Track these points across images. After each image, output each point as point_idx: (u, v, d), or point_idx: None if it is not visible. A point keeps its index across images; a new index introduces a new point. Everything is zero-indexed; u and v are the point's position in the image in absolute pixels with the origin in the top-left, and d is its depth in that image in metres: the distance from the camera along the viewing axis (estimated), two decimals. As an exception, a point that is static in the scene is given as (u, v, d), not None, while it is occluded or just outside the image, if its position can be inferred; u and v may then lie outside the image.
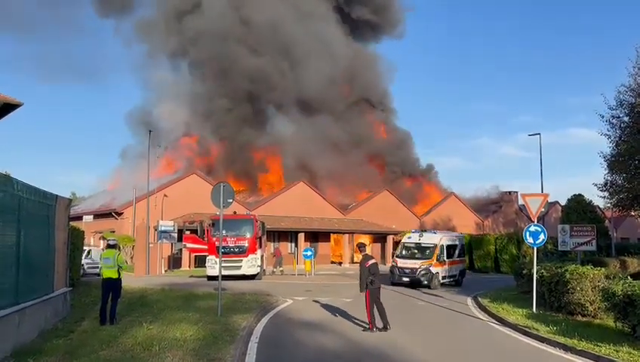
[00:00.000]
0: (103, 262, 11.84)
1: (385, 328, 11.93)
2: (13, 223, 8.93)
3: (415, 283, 22.51)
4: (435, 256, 23.13)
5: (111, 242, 12.45)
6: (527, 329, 12.09)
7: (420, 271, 22.55)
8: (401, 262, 23.41)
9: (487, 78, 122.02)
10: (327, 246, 44.27)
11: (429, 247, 23.73)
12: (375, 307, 12.21)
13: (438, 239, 24.09)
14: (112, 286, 11.77)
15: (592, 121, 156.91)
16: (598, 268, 14.38)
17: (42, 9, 73.12)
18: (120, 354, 8.69)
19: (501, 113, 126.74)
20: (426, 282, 22.39)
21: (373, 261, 12.62)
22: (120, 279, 11.98)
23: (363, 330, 12.06)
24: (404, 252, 24.40)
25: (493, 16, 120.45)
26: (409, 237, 25.21)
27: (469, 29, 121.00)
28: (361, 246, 13.38)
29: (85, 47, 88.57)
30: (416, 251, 24.03)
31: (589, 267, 14.28)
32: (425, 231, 25.40)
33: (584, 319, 13.39)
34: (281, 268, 32.19)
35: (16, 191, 9.16)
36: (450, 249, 24.77)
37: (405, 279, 22.72)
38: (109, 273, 11.77)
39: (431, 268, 22.67)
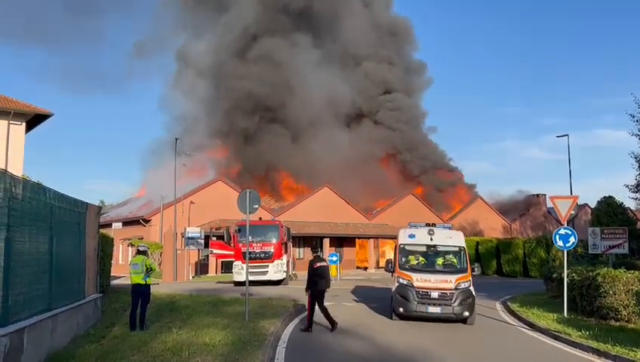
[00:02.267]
0: (132, 268, 11.96)
1: (333, 328, 12.34)
2: (45, 231, 9.14)
3: (449, 318, 13.56)
4: (470, 265, 14.65)
5: (141, 248, 12.52)
6: (558, 334, 11.88)
7: (458, 295, 13.47)
8: (420, 279, 13.79)
9: (511, 81, 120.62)
10: (352, 252, 44.16)
11: (452, 252, 14.85)
12: (319, 309, 12.57)
13: (462, 238, 15.33)
14: (141, 292, 11.87)
15: (621, 121, 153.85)
16: (632, 272, 14.05)
17: (70, 21, 74.89)
18: (150, 360, 8.80)
19: (526, 115, 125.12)
20: (467, 314, 13.47)
21: (323, 264, 13.09)
22: (148, 285, 12.05)
23: (301, 330, 12.35)
24: (412, 260, 14.75)
25: (517, 16, 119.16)
26: (411, 236, 15.06)
27: (492, 30, 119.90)
28: (314, 248, 13.99)
29: (113, 57, 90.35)
30: (426, 259, 14.82)
31: (621, 270, 13.97)
32: (434, 225, 15.66)
33: (617, 324, 13.08)
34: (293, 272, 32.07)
35: (49, 199, 9.38)
36: None
37: (434, 309, 13.50)
38: (137, 279, 11.86)
39: (471, 289, 13.85)
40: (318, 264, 12.84)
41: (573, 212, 16.31)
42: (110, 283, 20.83)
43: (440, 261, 14.76)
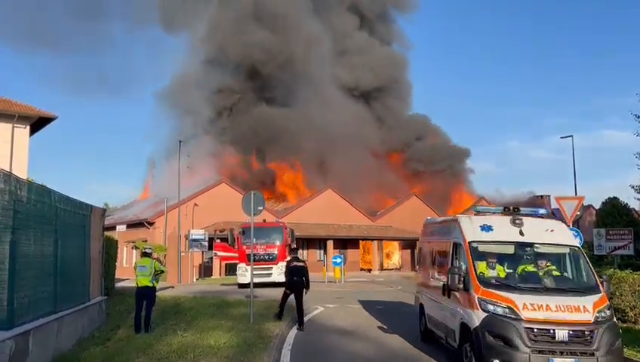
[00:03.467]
0: (139, 270, 11.89)
1: (300, 327, 12.82)
2: (50, 233, 9.15)
3: None
4: (598, 278, 8.68)
5: (147, 250, 12.49)
6: (564, 336, 11.76)
7: (603, 335, 7.71)
8: (531, 306, 7.84)
9: (515, 82, 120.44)
10: (356, 253, 44.12)
11: (557, 255, 9.28)
12: (296, 306, 13.30)
13: (568, 232, 9.90)
14: (147, 295, 11.84)
15: (626, 122, 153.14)
16: (638, 273, 13.98)
17: (73, 24, 75.25)
18: (156, 362, 8.79)
19: (530, 116, 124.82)
20: None
21: (300, 264, 13.54)
22: (154, 287, 12.05)
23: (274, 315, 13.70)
24: (495, 269, 8.87)
25: (521, 16, 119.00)
26: (486, 229, 9.18)
27: (495, 30, 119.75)
28: (292, 248, 14.63)
29: (118, 59, 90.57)
30: (524, 268, 8.89)
31: (627, 271, 13.91)
32: (517, 209, 9.55)
33: (624, 325, 12.97)
34: None
35: (53, 201, 9.38)
36: None
37: None
38: (144, 281, 11.80)
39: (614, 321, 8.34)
40: (294, 264, 13.49)
41: (578, 213, 16.22)
42: (115, 286, 20.86)
43: (531, 268, 8.81)
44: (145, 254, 12.34)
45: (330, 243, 41.31)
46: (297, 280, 13.26)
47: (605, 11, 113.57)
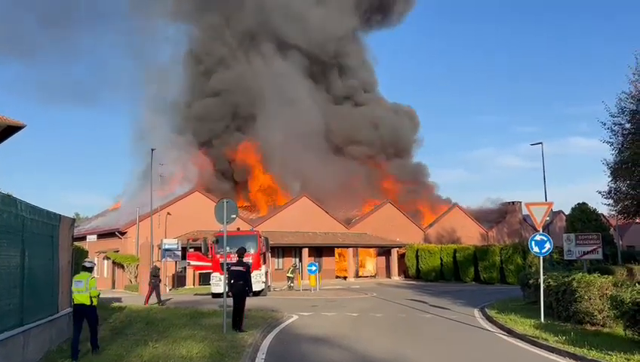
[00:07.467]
0: (75, 285, 10.42)
1: (235, 329, 13.13)
2: (17, 244, 8.92)
3: None
4: None
5: (87, 264, 10.95)
6: (535, 340, 11.97)
7: None
8: None
9: (487, 90, 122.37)
10: (332, 261, 44.13)
11: None
12: (233, 308, 13.54)
13: None
14: (85, 314, 10.33)
15: (594, 130, 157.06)
16: (606, 276, 14.28)
17: (43, 31, 73.99)
18: (126, 374, 8.63)
19: (502, 124, 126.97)
20: None
21: (239, 268, 13.85)
22: (94, 306, 10.54)
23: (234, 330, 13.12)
24: None
25: (491, 26, 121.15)
26: None
27: (467, 40, 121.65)
28: (240, 250, 14.49)
29: (90, 69, 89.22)
30: None
31: (596, 275, 14.20)
32: None
33: (593, 328, 13.27)
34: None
35: (20, 211, 9.17)
36: None
37: None
38: (81, 298, 10.27)
39: None
40: (233, 268, 13.85)
41: (548, 218, 16.51)
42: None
43: None
44: (85, 268, 10.77)
45: (305, 251, 41.22)
46: (236, 284, 13.64)
47: (572, 20, 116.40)
